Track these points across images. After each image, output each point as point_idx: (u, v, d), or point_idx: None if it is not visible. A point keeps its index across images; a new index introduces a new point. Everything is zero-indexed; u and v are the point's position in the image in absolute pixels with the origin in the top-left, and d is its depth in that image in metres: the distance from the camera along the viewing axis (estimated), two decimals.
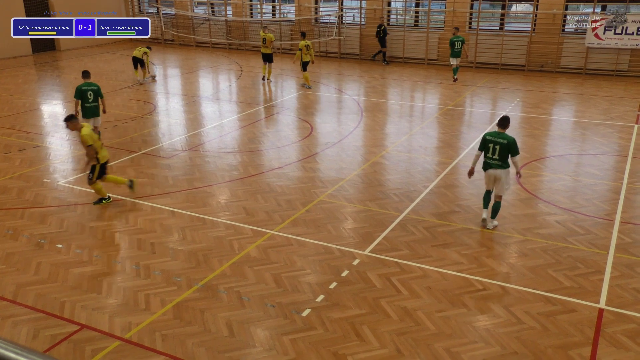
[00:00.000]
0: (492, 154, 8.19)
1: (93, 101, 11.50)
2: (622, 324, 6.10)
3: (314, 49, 24.52)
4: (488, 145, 8.23)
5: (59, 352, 5.69)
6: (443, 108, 15.82)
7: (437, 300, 6.54)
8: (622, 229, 8.31)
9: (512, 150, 8.11)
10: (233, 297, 6.60)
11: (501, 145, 8.12)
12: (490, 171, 8.26)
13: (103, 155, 9.05)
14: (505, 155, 8.14)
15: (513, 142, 8.12)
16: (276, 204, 9.21)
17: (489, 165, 8.27)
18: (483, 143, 8.33)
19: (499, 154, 8.13)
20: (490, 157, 8.22)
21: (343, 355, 5.61)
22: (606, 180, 10.36)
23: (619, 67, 19.88)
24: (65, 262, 7.45)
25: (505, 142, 8.12)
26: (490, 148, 8.21)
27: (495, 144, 8.15)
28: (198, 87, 19.40)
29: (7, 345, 1.17)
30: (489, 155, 8.24)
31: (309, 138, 13.01)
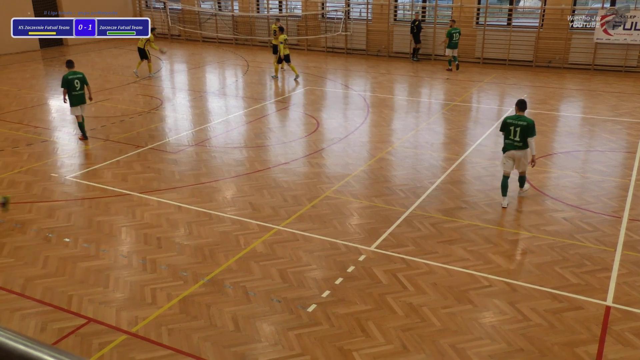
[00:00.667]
0: (513, 135, 8.69)
1: (80, 89, 11.94)
2: (629, 321, 6.08)
3: (320, 44, 24.47)
4: (509, 128, 8.74)
5: (67, 345, 5.73)
6: (450, 104, 15.77)
7: (443, 297, 6.53)
8: (630, 226, 8.27)
9: (531, 132, 8.59)
10: (239, 292, 6.62)
11: (521, 127, 8.62)
12: (512, 152, 8.76)
13: None
14: (525, 137, 8.63)
15: (532, 123, 8.63)
16: (282, 200, 9.22)
17: (510, 145, 8.76)
18: (504, 126, 8.84)
19: (520, 135, 8.62)
20: (512, 139, 8.71)
21: (348, 351, 5.62)
22: (614, 177, 10.30)
23: (628, 63, 19.73)
24: (72, 256, 7.49)
25: (525, 124, 8.61)
26: (511, 130, 8.71)
27: (516, 127, 8.65)
28: (204, 83, 19.42)
29: (17, 337, 1.18)
30: (510, 137, 8.73)
31: (315, 134, 13.00)
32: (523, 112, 8.76)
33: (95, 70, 20.54)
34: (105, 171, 10.53)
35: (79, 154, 11.62)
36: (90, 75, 19.28)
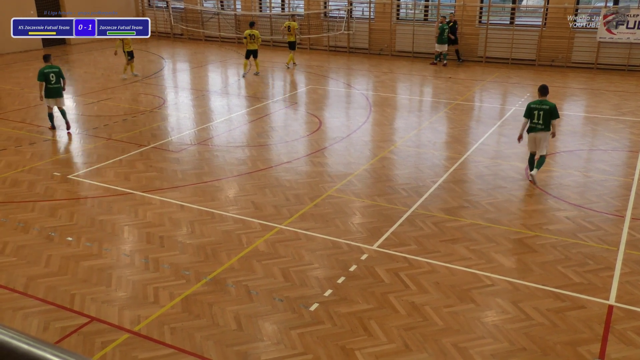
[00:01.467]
0: (537, 119, 9.49)
1: (55, 83, 12.49)
2: (632, 320, 6.07)
3: (322, 43, 24.46)
4: (533, 112, 9.53)
5: (69, 344, 5.74)
6: (452, 103, 15.75)
7: (445, 296, 6.52)
8: (632, 225, 8.25)
9: (554, 115, 9.45)
10: (241, 291, 6.62)
11: (544, 111, 9.43)
12: (534, 134, 9.59)
13: None
14: (547, 119, 9.45)
15: (554, 107, 9.50)
16: (284, 199, 9.22)
17: (533, 129, 9.57)
18: (528, 111, 9.61)
19: (543, 118, 9.44)
20: (536, 122, 9.51)
21: (351, 350, 5.62)
22: (617, 176, 10.28)
23: (631, 62, 19.67)
24: (75, 255, 7.50)
25: (547, 108, 9.44)
26: (535, 114, 9.51)
27: (540, 110, 9.47)
28: (207, 82, 19.43)
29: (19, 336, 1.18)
30: (534, 121, 9.54)
31: (318, 132, 13.00)
32: (545, 97, 9.54)
33: (98, 69, 20.57)
34: (108, 170, 10.54)
35: (82, 153, 11.64)
36: (92, 75, 19.36)
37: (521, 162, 10.89)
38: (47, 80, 12.40)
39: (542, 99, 9.53)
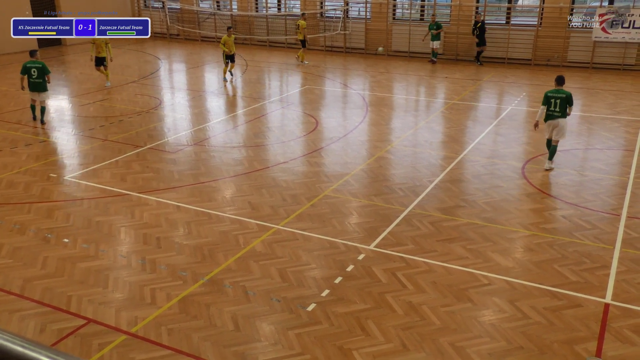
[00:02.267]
0: (553, 107, 10.16)
1: (37, 77, 13.08)
2: (628, 318, 6.08)
3: (319, 43, 24.45)
4: (550, 100, 10.18)
5: (66, 346, 5.73)
6: (449, 102, 15.77)
7: (443, 295, 6.53)
8: (628, 224, 8.28)
9: (570, 102, 10.16)
10: (238, 292, 6.62)
11: (561, 99, 10.10)
12: (551, 121, 10.23)
13: None
14: (564, 107, 10.12)
15: (570, 95, 10.19)
16: (281, 199, 9.22)
17: (550, 116, 10.21)
18: (546, 99, 10.24)
19: (559, 106, 10.11)
20: (553, 110, 10.17)
21: (348, 350, 5.62)
22: (612, 175, 10.31)
23: (626, 61, 19.73)
24: (71, 256, 7.48)
25: (564, 96, 10.11)
26: (552, 102, 10.17)
27: (556, 99, 10.13)
28: (203, 82, 19.41)
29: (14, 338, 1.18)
30: (551, 109, 10.19)
31: (314, 133, 13.00)
32: (561, 86, 10.22)
33: (94, 70, 20.51)
34: (104, 171, 10.52)
35: (78, 154, 11.62)
36: (89, 75, 19.30)
37: (517, 162, 10.91)
38: (29, 75, 13.06)
39: (559, 88, 10.20)
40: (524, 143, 12.17)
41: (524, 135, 12.80)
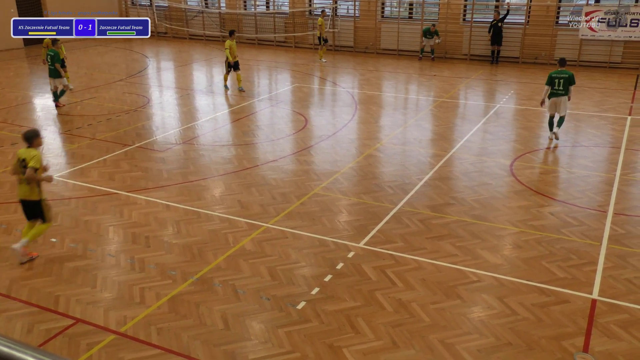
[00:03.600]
0: (557, 86, 11.43)
1: (50, 65, 14.27)
2: (614, 314, 6.15)
3: (308, 41, 24.43)
4: (554, 80, 11.44)
5: (54, 346, 5.68)
6: (437, 100, 15.83)
7: (432, 292, 6.56)
8: (615, 220, 8.36)
9: (572, 81, 11.45)
10: (228, 290, 6.60)
11: (564, 79, 11.41)
12: (555, 98, 11.51)
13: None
14: (567, 86, 11.40)
15: (572, 75, 11.51)
16: (271, 197, 9.21)
17: (554, 94, 11.49)
18: (550, 79, 11.52)
19: (563, 85, 11.40)
20: (557, 89, 11.44)
21: (338, 347, 5.63)
22: (599, 172, 10.41)
23: (612, 59, 19.92)
24: (59, 256, 7.42)
25: (567, 76, 11.41)
26: (556, 82, 11.43)
27: (560, 78, 11.42)
28: (192, 80, 19.32)
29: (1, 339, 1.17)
30: (555, 88, 11.44)
31: (304, 131, 12.99)
32: (564, 67, 11.52)
33: (81, 68, 20.35)
34: (92, 170, 10.44)
35: (65, 153, 11.52)
36: (76, 74, 19.13)
37: (506, 159, 10.99)
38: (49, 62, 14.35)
39: (562, 69, 11.45)
40: (512, 141, 12.25)
41: (512, 132, 12.89)
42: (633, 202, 9.11)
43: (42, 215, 7.27)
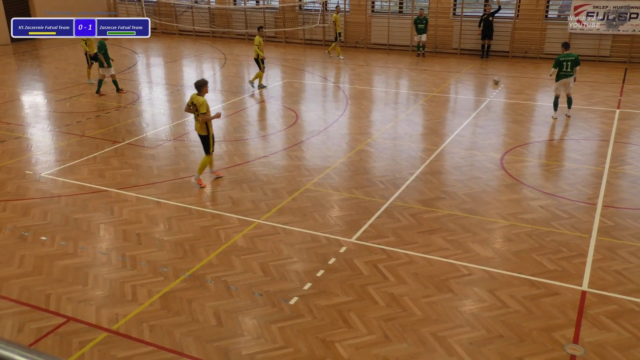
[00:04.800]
0: (565, 68, 12.68)
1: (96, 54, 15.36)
2: (604, 305, 6.22)
3: (298, 36, 24.36)
4: (562, 63, 12.66)
5: (45, 345, 5.66)
6: (428, 95, 15.86)
7: (424, 286, 6.60)
8: (604, 213, 8.44)
9: (578, 62, 12.76)
10: (220, 287, 6.60)
11: (572, 61, 12.66)
12: (564, 79, 12.81)
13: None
14: (574, 67, 12.69)
15: (578, 56, 12.83)
16: (262, 193, 9.20)
17: (564, 75, 12.76)
18: (558, 63, 12.71)
19: (570, 67, 12.67)
20: (565, 70, 12.70)
21: (331, 342, 5.65)
22: (588, 165, 10.49)
23: (601, 53, 20.03)
24: (49, 254, 7.38)
25: (574, 58, 12.68)
26: (563, 64, 12.66)
27: (567, 61, 12.66)
28: (182, 76, 19.22)
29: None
30: (563, 70, 12.69)
31: (295, 126, 12.98)
32: (568, 50, 12.81)
33: (69, 64, 20.19)
34: (82, 167, 10.38)
35: (54, 151, 11.43)
36: (64, 70, 19.00)
37: (496, 153, 11.03)
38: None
39: (567, 52, 12.71)
40: (503, 134, 12.31)
41: (502, 126, 12.95)
42: (622, 195, 9.19)
43: (207, 148, 9.29)
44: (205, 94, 9.14)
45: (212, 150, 9.40)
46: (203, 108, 9.00)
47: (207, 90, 9.17)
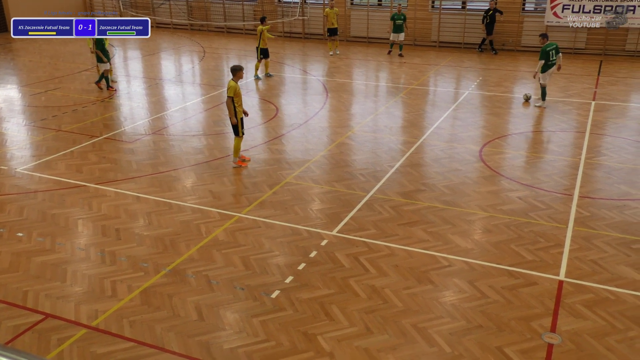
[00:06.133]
0: (552, 57, 13.24)
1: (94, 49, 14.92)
2: (580, 294, 6.34)
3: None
4: (549, 52, 13.11)
5: (23, 343, 5.58)
6: (407, 87, 15.92)
7: (404, 278, 6.65)
8: (580, 203, 8.59)
9: (559, 50, 13.33)
10: (201, 281, 6.57)
11: (555, 49, 13.25)
12: (552, 69, 13.36)
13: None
14: (557, 54, 13.29)
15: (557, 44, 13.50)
16: (243, 187, 9.16)
17: (551, 65, 13.30)
18: (545, 53, 13.07)
19: (554, 55, 13.27)
20: (553, 59, 13.26)
21: (313, 335, 5.67)
22: (565, 156, 10.66)
23: (576, 45, 20.32)
24: (26, 250, 7.27)
25: (556, 45, 13.33)
26: (550, 53, 13.16)
27: (552, 49, 13.18)
28: (160, 70, 19.00)
29: None
30: (551, 59, 13.21)
31: (275, 120, 12.93)
32: (549, 39, 13.46)
33: (44, 57, 19.81)
34: (59, 162, 10.22)
35: (30, 146, 11.23)
36: (38, 63, 18.64)
37: (475, 145, 11.14)
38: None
39: (550, 42, 13.33)
40: (481, 127, 12.43)
41: (481, 119, 13.07)
42: (597, 185, 9.36)
43: (236, 130, 9.72)
44: (240, 79, 9.51)
45: (242, 133, 9.78)
46: (229, 91, 9.36)
47: (242, 75, 9.54)
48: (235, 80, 9.41)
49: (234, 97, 9.39)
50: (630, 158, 10.45)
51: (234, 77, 9.43)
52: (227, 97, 9.47)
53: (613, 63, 19.02)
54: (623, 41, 19.81)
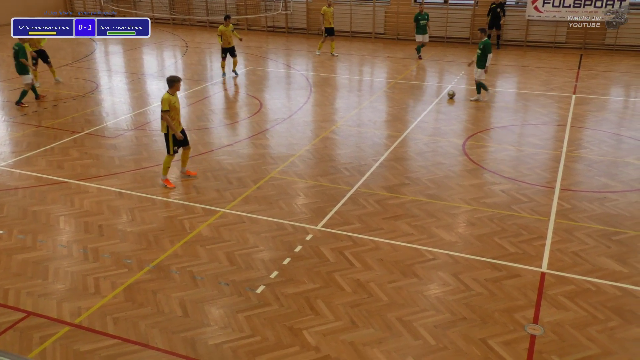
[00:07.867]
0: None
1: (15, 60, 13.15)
2: (562, 286, 6.43)
3: (260, 24, 24.10)
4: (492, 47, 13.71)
5: (4, 342, 5.50)
6: (391, 82, 15.96)
7: (389, 272, 6.68)
8: (562, 196, 8.69)
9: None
10: (186, 277, 6.54)
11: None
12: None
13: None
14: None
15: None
16: (227, 182, 9.12)
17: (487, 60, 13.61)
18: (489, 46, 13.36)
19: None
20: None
21: (298, 330, 5.68)
22: (547, 150, 10.78)
23: (557, 39, 20.52)
24: (7, 248, 7.16)
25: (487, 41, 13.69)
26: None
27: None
28: (142, 64, 18.80)
29: None
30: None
31: (258, 114, 12.88)
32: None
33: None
34: (39, 159, 10.07)
35: (9, 142, 11.05)
36: None
37: (458, 139, 11.22)
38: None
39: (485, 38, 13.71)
40: (464, 120, 12.51)
41: (464, 112, 13.15)
42: (578, 178, 9.48)
43: (168, 147, 8.82)
44: (177, 91, 8.70)
45: (174, 151, 8.86)
46: (164, 105, 8.52)
47: (179, 87, 8.74)
48: (171, 93, 8.58)
49: (169, 110, 8.53)
50: (609, 151, 10.60)
51: (170, 89, 8.59)
52: (161, 111, 8.58)
53: (593, 57, 19.26)
54: (602, 35, 20.05)
